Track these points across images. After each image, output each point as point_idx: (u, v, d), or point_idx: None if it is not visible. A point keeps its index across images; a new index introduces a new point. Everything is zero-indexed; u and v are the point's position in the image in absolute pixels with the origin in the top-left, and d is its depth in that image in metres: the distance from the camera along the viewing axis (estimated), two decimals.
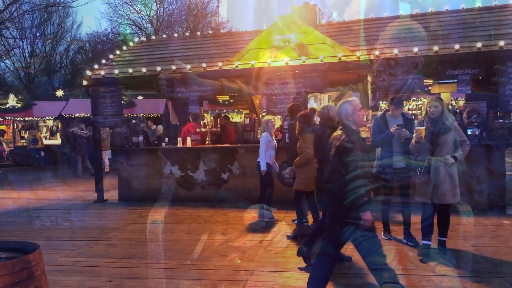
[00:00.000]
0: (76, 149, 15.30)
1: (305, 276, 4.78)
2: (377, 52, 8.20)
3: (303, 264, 5.10)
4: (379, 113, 6.56)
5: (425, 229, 5.27)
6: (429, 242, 5.27)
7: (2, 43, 26.78)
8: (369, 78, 8.71)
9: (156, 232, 7.00)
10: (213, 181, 9.29)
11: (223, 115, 11.30)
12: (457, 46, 7.90)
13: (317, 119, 6.25)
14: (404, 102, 8.12)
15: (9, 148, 20.15)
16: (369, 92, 8.87)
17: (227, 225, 7.24)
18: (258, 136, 10.55)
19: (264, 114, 12.00)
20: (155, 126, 14.15)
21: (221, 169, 9.22)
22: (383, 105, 17.62)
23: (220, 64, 9.17)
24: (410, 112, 15.45)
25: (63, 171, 17.24)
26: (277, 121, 10.49)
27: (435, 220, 5.28)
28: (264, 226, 6.99)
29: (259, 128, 10.76)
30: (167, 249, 5.99)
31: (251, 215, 7.81)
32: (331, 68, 8.34)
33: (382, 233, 5.99)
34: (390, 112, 5.88)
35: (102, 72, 9.93)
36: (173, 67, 9.33)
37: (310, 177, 5.92)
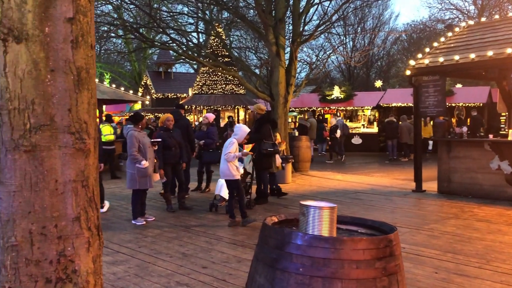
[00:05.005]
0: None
1: None
2: None
3: None
4: None
5: None
6: None
7: (329, 41, 30.09)
8: None
9: (483, 231, 6.47)
10: None
11: None
12: None
13: None
14: None
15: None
16: None
17: None
18: None
19: None
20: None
21: None
22: None
23: None
24: None
25: (379, 158, 18.13)
26: None
27: None
28: None
29: None
30: (498, 251, 5.45)
31: None
32: None
33: None
34: None
35: (426, 61, 9.78)
36: (509, 50, 8.32)
37: None
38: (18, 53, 1.86)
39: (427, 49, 10.51)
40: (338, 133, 17.05)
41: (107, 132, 12.28)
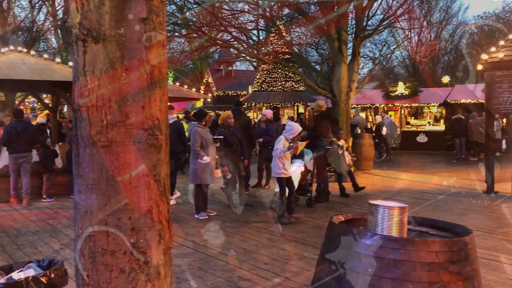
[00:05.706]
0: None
1: None
2: None
3: None
4: None
5: None
6: None
7: (393, 36, 29.08)
8: None
9: None
10: None
11: None
12: None
13: None
14: None
15: (396, 133, 21.76)
16: None
17: None
18: None
19: None
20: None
21: None
22: None
23: None
24: None
25: (446, 157, 17.34)
26: None
27: None
28: None
29: None
30: None
31: None
32: None
33: None
34: None
35: (500, 55, 9.21)
36: None
37: None
38: (96, 53, 1.94)
39: (502, 42, 9.89)
40: (384, 131, 16.60)
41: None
